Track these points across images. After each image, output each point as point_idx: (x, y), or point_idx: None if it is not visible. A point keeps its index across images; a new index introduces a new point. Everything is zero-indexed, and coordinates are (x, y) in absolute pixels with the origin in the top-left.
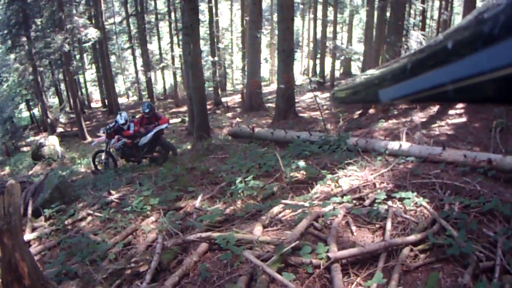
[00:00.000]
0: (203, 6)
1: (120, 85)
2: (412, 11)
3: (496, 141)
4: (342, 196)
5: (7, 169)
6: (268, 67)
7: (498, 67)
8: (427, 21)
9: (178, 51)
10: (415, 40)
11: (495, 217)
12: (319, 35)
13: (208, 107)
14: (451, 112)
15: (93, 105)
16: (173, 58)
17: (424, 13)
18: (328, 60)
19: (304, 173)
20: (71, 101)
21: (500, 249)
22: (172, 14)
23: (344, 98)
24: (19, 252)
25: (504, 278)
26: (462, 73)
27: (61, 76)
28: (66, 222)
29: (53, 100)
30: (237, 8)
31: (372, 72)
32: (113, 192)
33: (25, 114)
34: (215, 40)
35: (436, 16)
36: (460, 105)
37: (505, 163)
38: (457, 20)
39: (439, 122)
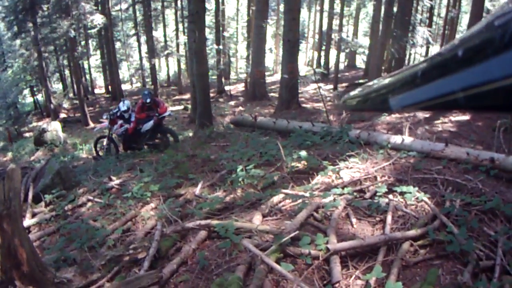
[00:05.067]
0: None
1: (124, 72)
2: (419, 7)
3: (499, 140)
4: (343, 188)
5: (9, 155)
6: (272, 57)
7: (509, 74)
8: (434, 18)
9: (183, 38)
10: (421, 36)
11: (496, 216)
12: (324, 27)
13: (211, 95)
14: None
15: (96, 91)
16: (178, 45)
17: (432, 10)
18: (333, 52)
19: (305, 163)
20: (75, 87)
21: (501, 248)
22: (178, 1)
23: (355, 106)
24: (18, 238)
25: (504, 278)
26: (473, 80)
27: (65, 62)
28: (66, 208)
29: (57, 86)
30: None
31: (383, 79)
32: (113, 178)
33: (29, 99)
34: (221, 28)
35: (443, 14)
36: None
37: (507, 163)
38: (465, 18)
39: (442, 118)
